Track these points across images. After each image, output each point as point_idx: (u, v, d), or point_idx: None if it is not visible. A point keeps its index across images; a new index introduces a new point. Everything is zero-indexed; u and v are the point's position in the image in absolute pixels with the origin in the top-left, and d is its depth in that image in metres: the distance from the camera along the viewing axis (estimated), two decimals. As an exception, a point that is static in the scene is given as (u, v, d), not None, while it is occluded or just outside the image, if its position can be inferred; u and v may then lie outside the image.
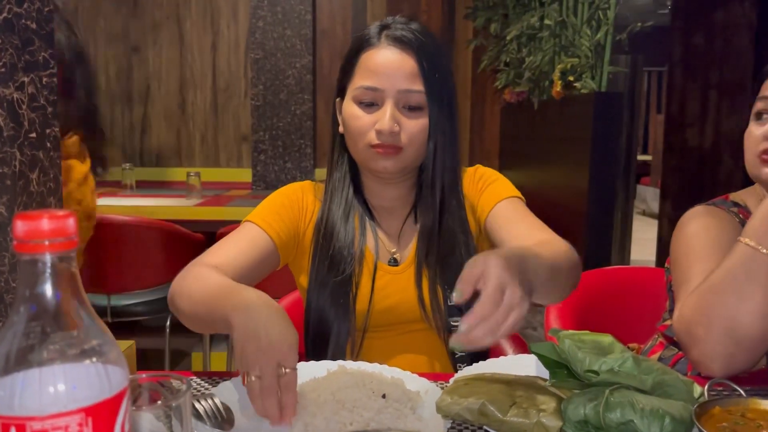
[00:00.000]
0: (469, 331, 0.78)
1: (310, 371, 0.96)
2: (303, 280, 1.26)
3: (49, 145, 1.10)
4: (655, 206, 6.75)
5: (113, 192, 3.70)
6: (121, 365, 0.45)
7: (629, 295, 1.78)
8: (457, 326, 0.83)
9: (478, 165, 1.33)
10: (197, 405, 0.82)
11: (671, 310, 1.38)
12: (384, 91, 1.13)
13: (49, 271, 0.43)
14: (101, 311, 2.78)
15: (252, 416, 0.87)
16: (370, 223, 1.23)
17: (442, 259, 1.20)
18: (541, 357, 0.92)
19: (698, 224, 1.24)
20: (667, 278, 1.39)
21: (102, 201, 3.34)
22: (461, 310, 0.90)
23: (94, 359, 0.43)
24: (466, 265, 0.82)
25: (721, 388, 0.99)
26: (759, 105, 1.19)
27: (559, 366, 0.91)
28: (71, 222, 0.44)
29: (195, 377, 1.02)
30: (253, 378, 0.80)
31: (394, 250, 1.24)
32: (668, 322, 1.39)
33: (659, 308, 1.52)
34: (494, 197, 1.27)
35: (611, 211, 3.69)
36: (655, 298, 1.72)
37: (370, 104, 1.14)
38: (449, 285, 1.18)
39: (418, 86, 1.14)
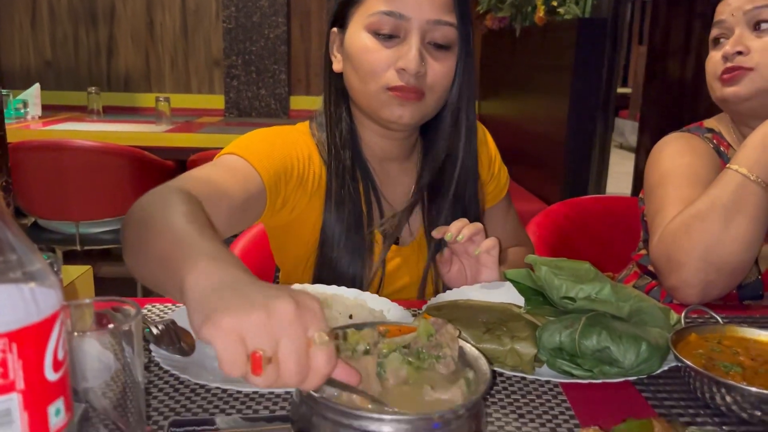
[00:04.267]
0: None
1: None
2: (295, 251, 1.07)
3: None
4: (632, 139, 6.75)
5: (79, 117, 3.56)
6: (52, 288, 0.40)
7: (605, 225, 1.77)
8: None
9: (480, 124, 1.16)
10: (154, 330, 0.78)
11: (646, 240, 1.37)
12: (410, 20, 0.94)
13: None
14: (70, 239, 2.71)
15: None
16: (374, 194, 1.07)
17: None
18: (516, 284, 0.89)
19: (673, 151, 1.21)
20: (641, 208, 1.38)
21: (67, 126, 3.22)
22: None
23: (19, 282, 0.39)
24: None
25: (696, 316, 0.98)
26: (715, 31, 1.18)
27: (534, 293, 0.88)
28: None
29: (157, 304, 0.98)
30: (266, 361, 0.50)
31: (395, 224, 1.09)
32: (643, 252, 1.39)
33: (634, 238, 1.51)
34: (500, 191, 1.23)
35: (590, 143, 3.66)
36: (631, 228, 1.71)
37: (390, 36, 0.95)
38: None
39: (450, 17, 0.96)
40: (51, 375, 0.39)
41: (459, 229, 0.98)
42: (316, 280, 1.06)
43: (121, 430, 0.57)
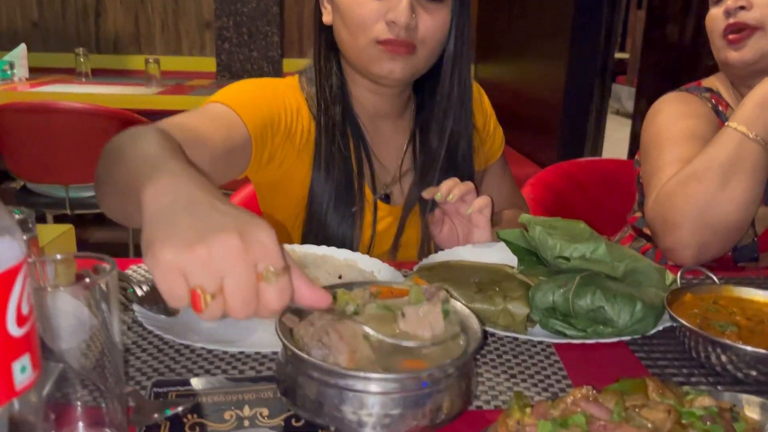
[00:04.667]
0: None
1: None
2: (284, 209, 1.04)
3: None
4: (629, 105, 6.68)
5: (67, 79, 3.49)
6: (15, 241, 0.37)
7: (600, 188, 1.75)
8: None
9: (475, 83, 1.13)
10: (138, 290, 0.76)
11: (641, 203, 1.35)
12: None
13: None
14: (59, 203, 2.68)
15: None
16: (365, 152, 1.04)
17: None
18: (509, 244, 0.87)
19: (671, 110, 1.18)
20: (637, 170, 1.36)
21: (55, 88, 3.16)
22: None
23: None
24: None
25: (692, 277, 0.96)
26: None
27: (528, 253, 0.86)
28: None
29: (143, 265, 0.96)
30: (209, 298, 0.47)
31: (386, 184, 1.07)
32: (638, 215, 1.37)
33: (629, 201, 1.49)
34: (495, 151, 1.20)
35: (587, 108, 3.62)
36: (626, 190, 1.69)
37: None
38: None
39: None
40: (15, 330, 0.37)
41: (449, 189, 0.96)
42: (305, 240, 1.03)
43: (100, 391, 0.55)
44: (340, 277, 0.83)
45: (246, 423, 0.60)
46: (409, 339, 0.60)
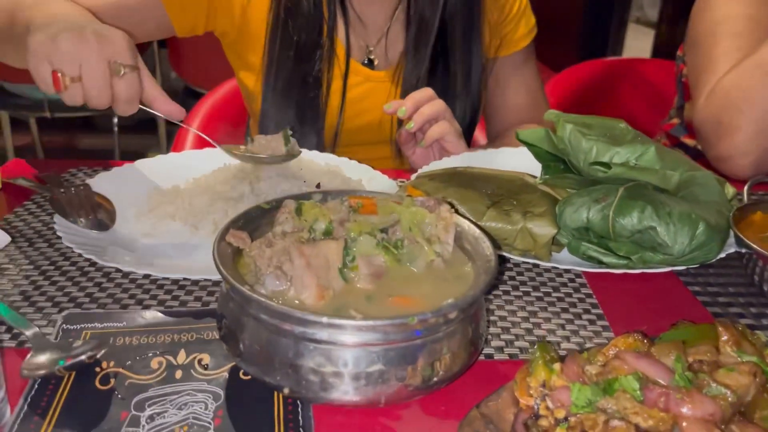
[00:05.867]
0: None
1: (220, 159, 0.73)
2: (247, 78, 0.93)
3: None
4: (651, 13, 6.30)
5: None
6: None
7: (627, 91, 1.54)
8: None
9: None
10: (61, 197, 0.61)
11: (681, 107, 1.17)
12: None
13: None
14: (38, 104, 2.49)
15: (143, 212, 0.66)
16: (339, 1, 0.89)
17: (434, 71, 0.89)
18: (531, 147, 0.70)
19: None
20: (680, 67, 1.16)
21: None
22: None
23: None
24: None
25: (762, 192, 0.79)
26: None
27: (554, 159, 0.69)
28: None
29: (86, 169, 0.79)
30: (68, 80, 0.59)
31: (371, 48, 0.93)
32: (675, 121, 1.19)
33: (662, 106, 1.30)
34: (517, 40, 0.99)
35: (608, 16, 3.39)
36: (657, 94, 1.49)
37: None
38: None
39: None
40: None
41: (415, 105, 0.78)
42: (264, 106, 0.89)
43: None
44: (318, 186, 0.67)
45: (178, 374, 0.45)
46: None
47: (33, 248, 0.61)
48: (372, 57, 0.92)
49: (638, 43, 5.51)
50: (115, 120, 2.51)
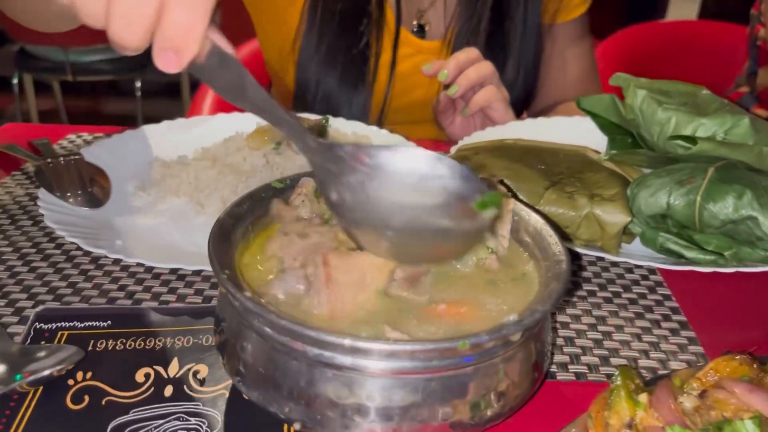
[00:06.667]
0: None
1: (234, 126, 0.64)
2: (276, 36, 0.82)
3: None
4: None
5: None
6: None
7: (686, 57, 1.41)
8: None
9: None
10: (48, 168, 0.53)
11: (751, 74, 1.05)
12: None
13: None
14: (60, 68, 2.43)
15: (143, 187, 0.57)
16: None
17: (490, 36, 0.78)
18: (595, 117, 0.60)
19: None
20: (754, 29, 1.03)
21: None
22: None
23: None
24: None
25: None
26: None
27: (622, 132, 0.59)
28: None
29: (85, 134, 0.71)
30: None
31: (421, 14, 0.83)
32: (743, 89, 1.07)
33: (726, 73, 1.18)
34: (574, 7, 0.87)
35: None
36: (715, 59, 1.36)
37: None
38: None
39: None
40: None
41: (459, 67, 0.67)
42: (301, 77, 0.79)
43: None
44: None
45: (167, 391, 0.36)
46: None
47: (15, 226, 0.53)
48: (423, 22, 0.82)
49: (681, 12, 5.27)
50: (138, 84, 2.44)
